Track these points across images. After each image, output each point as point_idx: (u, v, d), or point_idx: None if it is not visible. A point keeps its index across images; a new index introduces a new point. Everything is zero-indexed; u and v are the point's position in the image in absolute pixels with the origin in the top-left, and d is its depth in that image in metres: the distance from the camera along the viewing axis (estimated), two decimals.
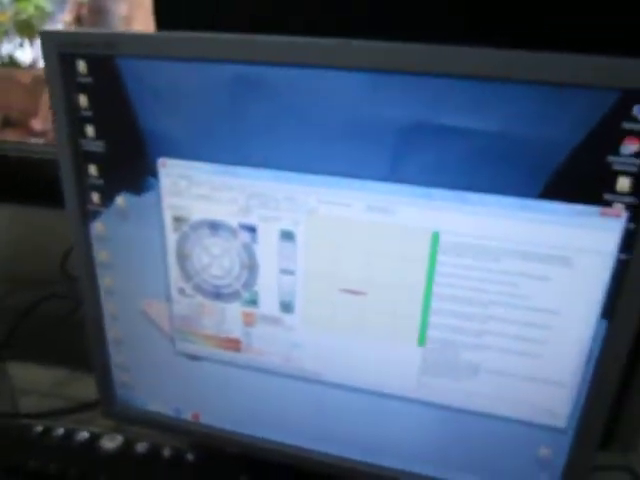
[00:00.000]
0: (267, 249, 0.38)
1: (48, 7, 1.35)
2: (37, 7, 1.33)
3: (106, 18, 1.26)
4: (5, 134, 1.26)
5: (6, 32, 1.36)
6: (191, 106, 0.36)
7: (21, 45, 1.38)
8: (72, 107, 0.39)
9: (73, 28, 1.19)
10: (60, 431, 0.50)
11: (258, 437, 0.45)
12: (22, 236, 0.77)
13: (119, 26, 1.22)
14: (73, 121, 0.39)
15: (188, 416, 0.47)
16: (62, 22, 1.34)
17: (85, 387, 0.59)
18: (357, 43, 0.32)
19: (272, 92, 0.34)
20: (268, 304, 0.40)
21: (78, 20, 1.28)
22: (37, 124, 1.26)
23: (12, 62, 1.36)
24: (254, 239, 0.38)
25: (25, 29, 1.36)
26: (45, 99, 1.28)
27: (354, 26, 0.35)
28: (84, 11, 1.27)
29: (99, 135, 0.39)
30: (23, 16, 1.35)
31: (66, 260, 0.71)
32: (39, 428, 0.50)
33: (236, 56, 0.34)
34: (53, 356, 0.64)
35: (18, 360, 0.65)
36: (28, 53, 1.38)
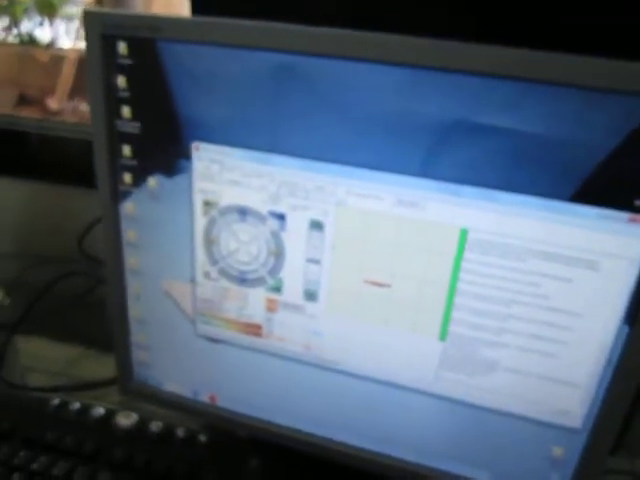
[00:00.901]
0: (295, 237, 0.39)
1: None
2: None
3: (127, 0, 1.26)
4: (21, 112, 1.26)
5: (27, 10, 1.37)
6: (228, 92, 0.37)
7: (41, 24, 1.38)
8: (110, 88, 0.39)
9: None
10: (76, 405, 0.51)
11: (273, 422, 0.46)
12: (41, 213, 0.78)
13: (140, 9, 1.21)
14: (110, 101, 0.39)
15: (205, 398, 0.47)
16: (82, 3, 1.34)
17: (98, 366, 0.60)
18: (396, 38, 0.33)
19: (310, 82, 0.35)
20: (292, 292, 0.41)
21: (99, 1, 1.28)
22: (53, 103, 1.26)
23: (31, 40, 1.37)
24: (283, 227, 0.39)
25: (46, 8, 1.36)
26: (62, 78, 1.28)
27: (361, 22, 0.35)
28: None
29: (135, 116, 0.39)
30: None
31: (84, 238, 0.72)
32: (56, 401, 0.51)
33: (277, 45, 0.34)
34: (68, 334, 0.65)
35: (33, 336, 0.65)
36: (47, 32, 1.38)
